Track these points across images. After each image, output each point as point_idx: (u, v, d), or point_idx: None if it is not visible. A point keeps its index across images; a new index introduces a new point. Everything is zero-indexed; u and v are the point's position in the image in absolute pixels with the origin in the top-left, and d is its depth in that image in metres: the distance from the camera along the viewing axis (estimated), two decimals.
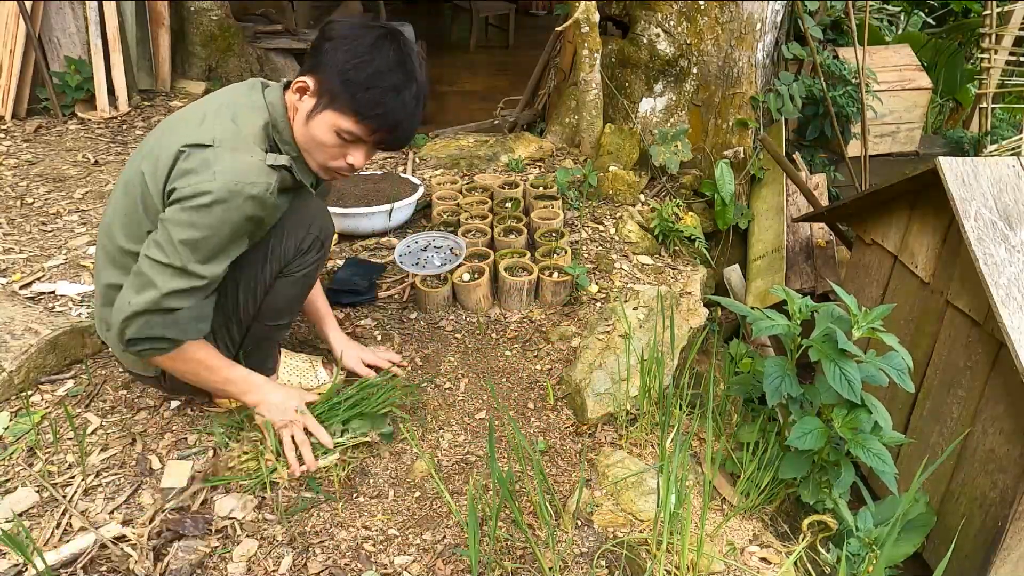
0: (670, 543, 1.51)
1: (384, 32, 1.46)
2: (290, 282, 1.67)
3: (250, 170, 1.39)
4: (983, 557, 1.89)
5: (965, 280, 1.97)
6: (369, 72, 1.42)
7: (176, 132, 1.46)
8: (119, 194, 1.55)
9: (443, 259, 2.35)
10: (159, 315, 1.42)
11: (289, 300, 1.70)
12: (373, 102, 1.44)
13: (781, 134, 3.48)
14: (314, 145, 1.51)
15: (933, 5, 6.34)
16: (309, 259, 1.67)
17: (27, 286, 2.27)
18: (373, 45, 1.43)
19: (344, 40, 1.44)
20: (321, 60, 1.45)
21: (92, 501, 1.55)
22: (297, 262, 1.65)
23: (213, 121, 1.45)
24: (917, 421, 2.16)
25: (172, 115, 1.57)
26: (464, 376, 2.07)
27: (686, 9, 3.24)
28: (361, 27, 1.46)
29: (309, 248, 1.65)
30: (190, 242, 1.39)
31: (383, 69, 1.43)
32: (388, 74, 1.44)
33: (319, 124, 1.47)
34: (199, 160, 1.39)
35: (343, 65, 1.42)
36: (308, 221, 1.62)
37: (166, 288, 1.41)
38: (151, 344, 1.46)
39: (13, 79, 3.53)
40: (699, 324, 2.33)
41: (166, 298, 1.41)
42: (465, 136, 3.64)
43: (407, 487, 1.68)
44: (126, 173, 1.56)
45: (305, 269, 1.67)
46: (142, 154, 1.52)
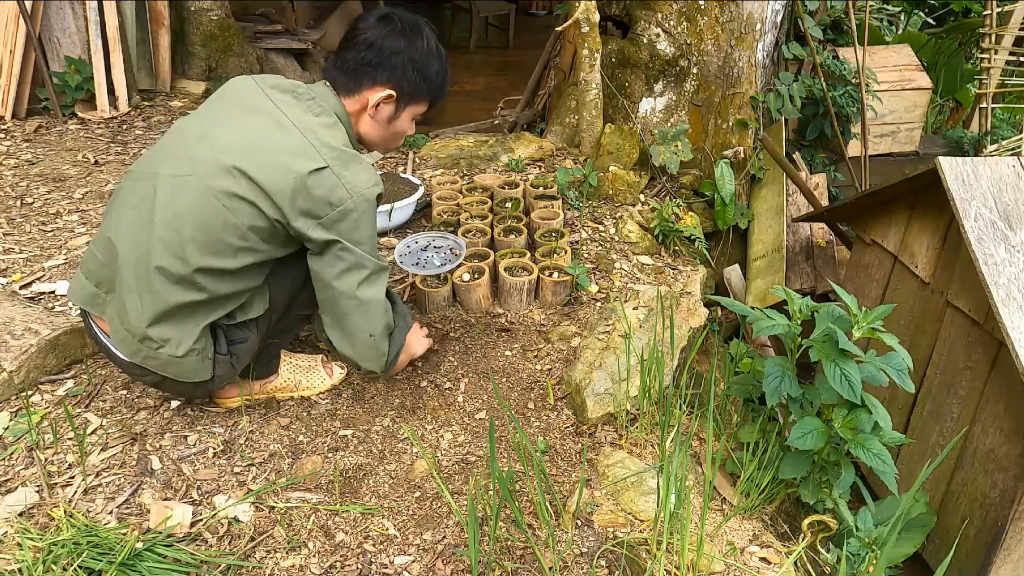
0: (670, 543, 1.51)
1: (422, 27, 1.65)
2: None
3: (367, 176, 1.55)
4: (983, 557, 1.89)
5: (965, 280, 1.97)
6: (437, 64, 1.66)
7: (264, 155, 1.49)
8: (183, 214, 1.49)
9: (443, 259, 2.35)
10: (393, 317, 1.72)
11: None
12: (443, 83, 1.71)
13: (781, 134, 3.48)
14: (396, 137, 1.74)
15: (933, 5, 6.34)
16: None
17: (27, 286, 2.27)
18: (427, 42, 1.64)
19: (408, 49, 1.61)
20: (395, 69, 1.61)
21: (92, 501, 1.55)
22: None
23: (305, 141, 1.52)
24: (917, 421, 2.16)
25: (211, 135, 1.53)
26: (464, 376, 2.07)
27: (686, 9, 3.24)
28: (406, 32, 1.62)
29: None
30: (368, 250, 1.60)
31: (436, 53, 1.66)
32: (441, 56, 1.68)
33: (404, 120, 1.71)
34: (327, 184, 1.50)
35: (421, 66, 1.63)
36: None
37: (380, 294, 1.64)
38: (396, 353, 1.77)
39: (13, 79, 3.53)
40: (699, 324, 2.33)
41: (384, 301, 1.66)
42: (465, 136, 3.64)
43: (407, 487, 1.68)
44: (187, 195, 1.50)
45: None
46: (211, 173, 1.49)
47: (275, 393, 1.89)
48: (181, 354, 1.55)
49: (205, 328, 1.58)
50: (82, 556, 1.37)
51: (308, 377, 1.91)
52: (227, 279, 1.54)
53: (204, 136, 1.53)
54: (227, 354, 1.64)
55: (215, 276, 1.52)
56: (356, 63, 1.60)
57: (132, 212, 1.54)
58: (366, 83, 1.61)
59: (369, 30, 1.60)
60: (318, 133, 1.54)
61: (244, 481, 1.65)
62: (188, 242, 1.48)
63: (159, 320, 1.53)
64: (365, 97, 1.63)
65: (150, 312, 1.52)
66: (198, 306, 1.54)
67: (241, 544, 1.49)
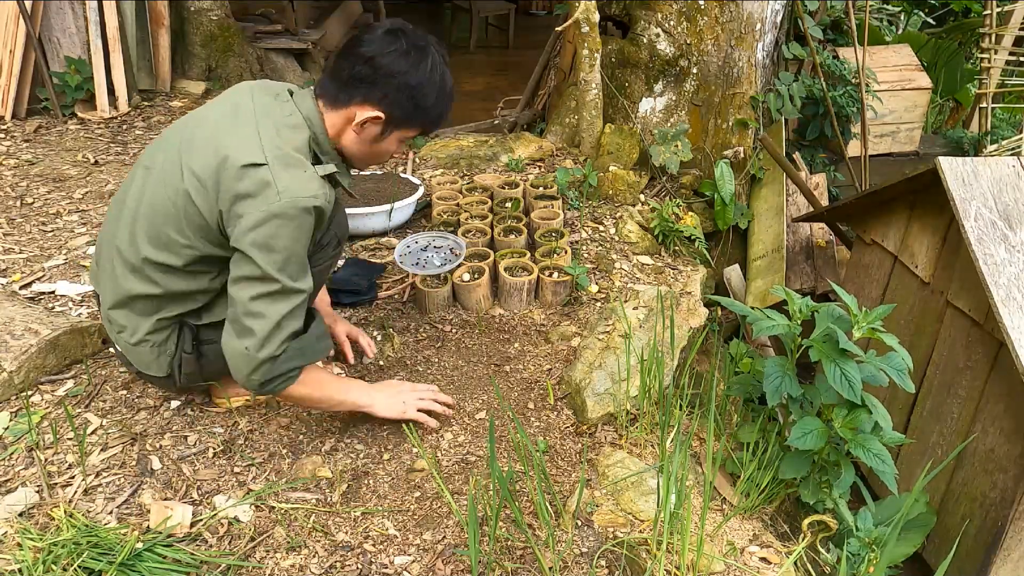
0: (670, 543, 1.51)
1: (429, 53, 1.54)
2: None
3: (308, 184, 1.44)
4: (983, 557, 1.89)
5: (965, 280, 1.97)
6: (435, 95, 1.55)
7: (215, 148, 1.46)
8: (141, 205, 1.54)
9: (443, 259, 2.35)
10: (285, 345, 1.48)
11: None
12: (440, 115, 1.60)
13: (781, 134, 3.48)
14: (380, 156, 1.65)
15: (933, 5, 6.34)
16: (327, 254, 1.73)
17: (27, 286, 2.27)
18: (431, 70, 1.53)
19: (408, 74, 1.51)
20: (388, 93, 1.51)
21: (92, 501, 1.55)
22: (316, 256, 1.68)
23: (258, 138, 1.46)
24: (917, 421, 2.16)
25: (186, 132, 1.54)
26: (464, 376, 2.07)
27: (686, 9, 3.24)
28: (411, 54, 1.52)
29: (327, 244, 1.72)
30: (279, 265, 1.44)
31: (439, 82, 1.55)
32: (444, 87, 1.57)
33: (390, 143, 1.61)
34: (257, 182, 1.41)
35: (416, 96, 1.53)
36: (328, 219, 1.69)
37: (278, 315, 1.46)
38: (284, 378, 1.52)
39: (13, 79, 3.53)
40: (699, 324, 2.33)
41: (282, 325, 1.47)
42: (465, 136, 3.64)
43: (407, 487, 1.68)
44: (150, 186, 1.54)
45: (321, 264, 1.72)
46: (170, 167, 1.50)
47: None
48: (134, 342, 1.61)
49: (161, 321, 1.60)
50: (82, 556, 1.37)
51: None
52: (177, 276, 1.55)
53: (181, 133, 1.55)
54: (192, 352, 1.65)
55: (163, 271, 1.54)
56: (349, 76, 1.50)
57: (115, 200, 1.64)
58: (356, 99, 1.52)
59: (372, 43, 1.50)
60: (271, 132, 1.47)
61: (244, 481, 1.65)
62: (140, 232, 1.53)
63: (118, 305, 1.60)
64: (352, 112, 1.53)
65: (111, 296, 1.61)
66: (152, 299, 1.57)
67: (241, 544, 1.49)
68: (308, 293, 1.51)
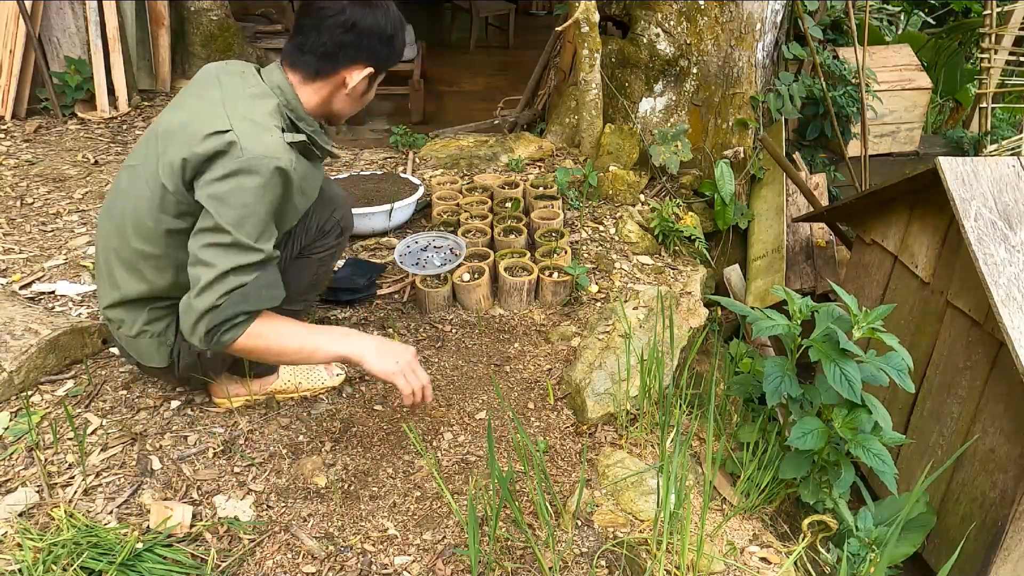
0: (670, 543, 1.51)
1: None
2: (307, 263, 1.74)
3: (273, 147, 1.45)
4: (983, 557, 1.89)
5: (965, 280, 1.97)
6: (391, 26, 1.59)
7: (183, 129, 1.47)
8: (128, 200, 1.56)
9: (443, 259, 2.35)
10: (225, 297, 1.43)
11: (304, 283, 1.77)
12: (403, 46, 1.65)
13: (781, 134, 3.48)
14: (360, 102, 1.68)
15: (933, 5, 6.34)
16: (328, 243, 1.75)
17: (27, 286, 2.27)
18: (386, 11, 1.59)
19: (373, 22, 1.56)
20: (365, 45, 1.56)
21: (92, 501, 1.55)
22: (318, 244, 1.71)
23: (223, 109, 1.48)
24: (917, 421, 2.16)
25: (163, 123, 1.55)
26: (464, 376, 2.07)
27: (686, 9, 3.24)
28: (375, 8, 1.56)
29: (330, 231, 1.74)
30: (234, 220, 1.42)
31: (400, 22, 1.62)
32: (402, 20, 1.63)
33: (373, 90, 1.67)
34: (222, 143, 1.42)
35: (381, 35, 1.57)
36: (332, 206, 1.72)
37: (225, 266, 1.42)
38: (229, 326, 1.45)
39: (13, 79, 3.53)
40: (699, 324, 2.33)
41: (227, 276, 1.42)
42: (465, 136, 3.64)
43: (407, 487, 1.68)
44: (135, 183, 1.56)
45: (323, 252, 1.74)
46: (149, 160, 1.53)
47: (275, 394, 1.89)
48: (134, 334, 1.64)
49: (155, 311, 1.63)
50: (82, 556, 1.37)
51: (308, 378, 1.91)
52: (163, 264, 1.56)
53: (156, 126, 1.57)
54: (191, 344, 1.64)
55: (151, 261, 1.56)
56: (335, 45, 1.54)
57: (106, 203, 1.66)
58: (343, 64, 1.56)
59: (344, 12, 1.53)
60: (238, 104, 1.49)
61: (244, 481, 1.65)
62: (129, 227, 1.56)
63: (115, 303, 1.63)
64: (342, 77, 1.58)
65: (107, 294, 1.63)
66: (144, 290, 1.60)
67: (241, 544, 1.49)
68: (268, 256, 1.47)
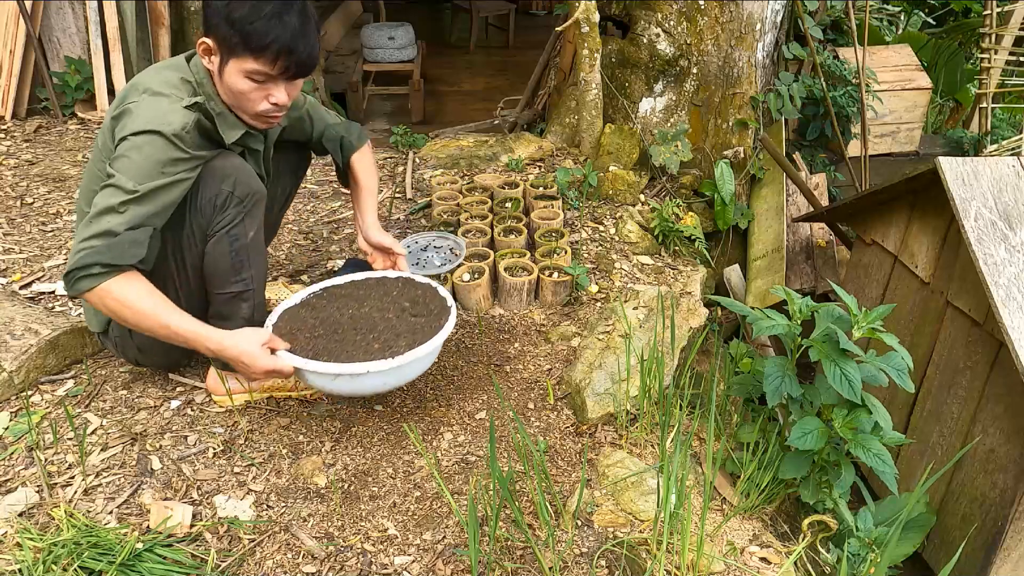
0: (670, 543, 1.51)
1: None
2: (216, 243, 1.65)
3: (167, 112, 1.51)
4: (983, 557, 1.89)
5: (965, 280, 1.97)
6: (248, 7, 1.50)
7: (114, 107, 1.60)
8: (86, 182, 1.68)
9: (443, 259, 2.35)
10: (98, 239, 1.46)
11: (225, 262, 1.67)
12: (261, 33, 1.50)
13: (781, 134, 3.48)
14: (237, 97, 1.60)
15: (933, 5, 6.34)
16: (228, 216, 1.65)
17: (27, 286, 2.27)
18: None
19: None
20: (209, 15, 1.53)
21: (92, 501, 1.55)
22: (216, 220, 1.64)
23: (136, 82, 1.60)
24: (917, 421, 2.16)
25: None
26: (464, 376, 2.07)
27: (686, 9, 3.24)
28: None
29: (225, 204, 1.64)
30: (122, 168, 1.50)
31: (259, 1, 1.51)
32: (264, 4, 1.51)
33: (230, 75, 1.56)
34: (127, 110, 1.54)
35: (224, 11, 1.50)
36: (221, 177, 1.62)
37: (102, 205, 1.48)
38: (83, 275, 1.47)
39: (13, 79, 3.53)
40: (699, 324, 2.33)
41: (101, 217, 1.47)
42: (465, 136, 3.64)
43: (407, 487, 1.68)
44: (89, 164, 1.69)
45: (226, 227, 1.65)
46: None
47: (274, 393, 1.89)
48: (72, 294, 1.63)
49: None
50: (82, 556, 1.37)
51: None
52: None
53: None
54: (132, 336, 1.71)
55: None
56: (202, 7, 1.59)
57: None
58: (201, 29, 1.57)
59: None
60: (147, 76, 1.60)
61: (244, 481, 1.65)
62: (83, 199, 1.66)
63: None
64: (199, 44, 1.58)
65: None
66: None
67: (241, 544, 1.49)
68: (140, 194, 1.48)
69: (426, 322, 1.71)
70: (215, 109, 1.60)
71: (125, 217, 1.48)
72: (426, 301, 1.79)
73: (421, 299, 1.80)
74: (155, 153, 1.49)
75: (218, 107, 1.61)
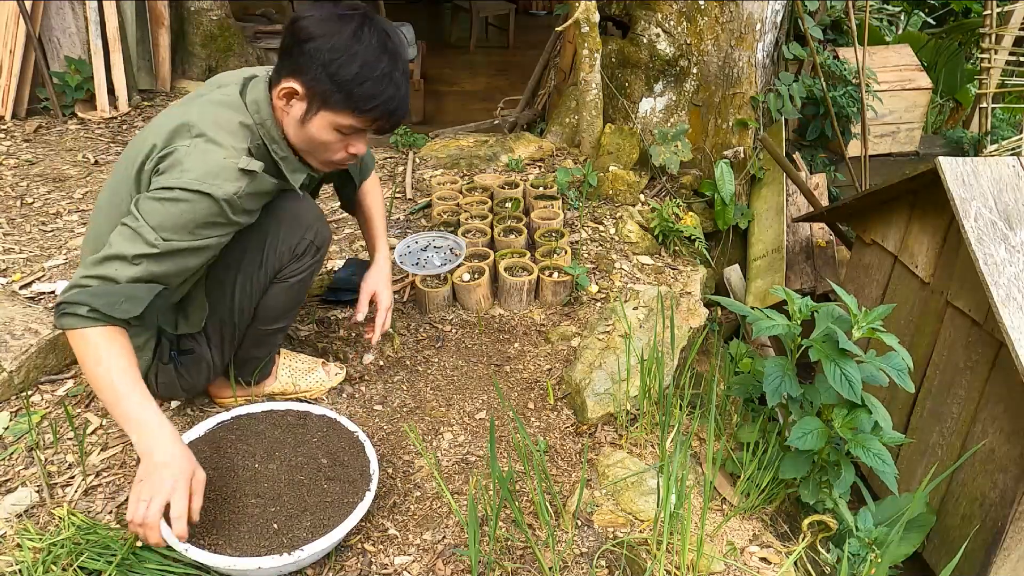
0: (670, 543, 1.51)
1: (360, 19, 1.41)
2: (285, 287, 1.65)
3: (220, 171, 1.36)
4: (983, 557, 1.89)
5: (965, 280, 1.97)
6: (358, 66, 1.39)
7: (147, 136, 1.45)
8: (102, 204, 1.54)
9: (443, 259, 2.35)
10: (97, 280, 1.31)
11: (284, 305, 1.69)
12: (368, 95, 1.41)
13: (781, 134, 3.48)
14: (314, 145, 1.50)
15: (933, 5, 6.34)
16: (304, 264, 1.64)
17: (27, 286, 2.27)
18: (353, 36, 1.39)
19: (323, 38, 1.38)
20: (303, 62, 1.40)
21: (92, 501, 1.55)
22: (292, 267, 1.62)
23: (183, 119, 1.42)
24: (917, 421, 2.16)
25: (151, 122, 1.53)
26: (464, 376, 2.07)
27: (686, 9, 3.24)
28: (335, 19, 1.40)
29: (304, 253, 1.62)
30: (151, 212, 1.34)
31: (370, 59, 1.40)
32: (376, 63, 1.40)
33: (317, 126, 1.46)
34: (175, 154, 1.37)
35: (330, 65, 1.38)
36: (304, 225, 1.60)
37: (115, 249, 1.33)
38: (67, 311, 1.31)
39: (13, 79, 3.53)
40: (699, 324, 2.33)
41: (109, 259, 1.33)
42: (465, 136, 3.64)
43: (407, 487, 1.68)
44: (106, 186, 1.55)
45: (300, 275, 1.65)
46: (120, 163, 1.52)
47: (274, 395, 1.89)
48: None
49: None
50: (82, 556, 1.37)
51: (307, 379, 1.91)
52: None
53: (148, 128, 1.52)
54: (170, 363, 1.62)
55: None
56: (282, 47, 1.43)
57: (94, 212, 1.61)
58: (284, 72, 1.43)
59: (302, 17, 1.41)
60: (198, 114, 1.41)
61: None
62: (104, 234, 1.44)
63: None
64: (281, 88, 1.44)
65: None
66: None
67: None
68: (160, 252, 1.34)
69: (340, 493, 1.47)
70: (278, 153, 1.49)
71: (134, 271, 1.33)
72: (347, 460, 1.54)
73: (342, 456, 1.55)
74: (194, 214, 1.34)
75: (282, 151, 1.49)
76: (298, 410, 1.68)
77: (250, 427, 1.61)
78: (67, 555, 1.37)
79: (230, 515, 1.40)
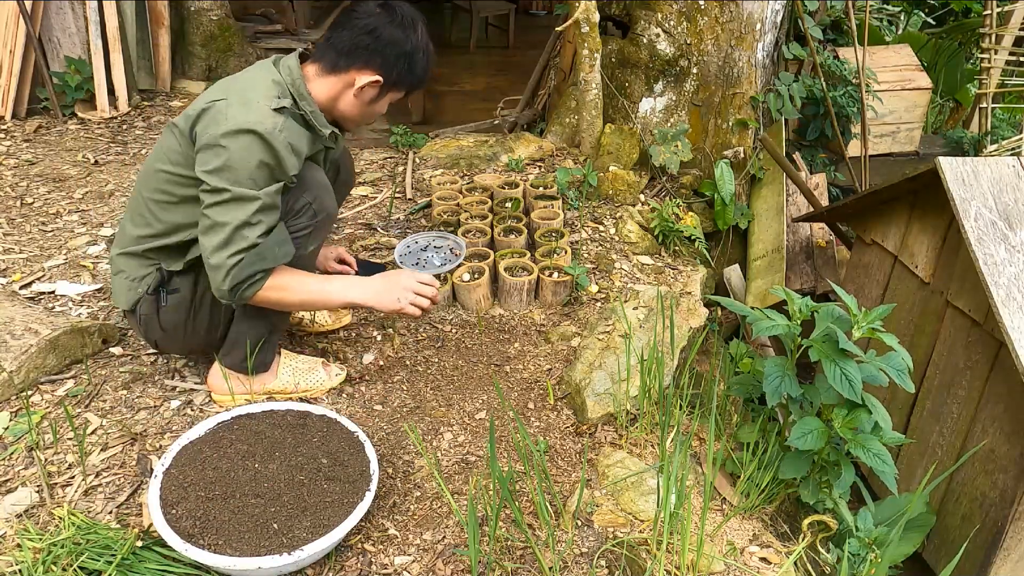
0: (670, 543, 1.51)
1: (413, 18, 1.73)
2: None
3: (257, 113, 1.56)
4: (983, 557, 1.89)
5: (965, 280, 1.97)
6: (423, 62, 1.76)
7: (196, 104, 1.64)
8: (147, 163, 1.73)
9: (443, 259, 2.35)
10: (246, 252, 1.55)
11: None
12: (423, 78, 1.80)
13: (781, 134, 3.48)
14: (371, 115, 1.81)
15: (933, 5, 6.34)
16: (299, 223, 1.67)
17: (27, 286, 2.27)
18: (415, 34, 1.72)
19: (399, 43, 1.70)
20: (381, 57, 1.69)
21: (92, 501, 1.55)
22: (289, 223, 1.65)
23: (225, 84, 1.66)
24: (917, 421, 2.16)
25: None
26: (464, 376, 2.07)
27: (686, 9, 3.24)
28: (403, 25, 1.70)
29: (301, 211, 1.67)
30: (227, 175, 1.53)
31: (425, 49, 1.75)
32: (429, 52, 1.77)
33: (382, 104, 1.79)
34: (214, 112, 1.57)
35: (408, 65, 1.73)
36: (306, 187, 1.68)
37: (235, 222, 1.53)
38: (249, 284, 1.57)
39: (13, 79, 3.53)
40: (699, 324, 2.33)
41: (240, 232, 1.54)
42: (465, 136, 3.64)
43: (407, 487, 1.68)
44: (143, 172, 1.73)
45: (298, 234, 1.67)
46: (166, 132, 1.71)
47: (274, 394, 1.89)
48: (114, 272, 1.76)
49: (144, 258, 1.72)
50: (82, 556, 1.37)
51: (307, 379, 1.91)
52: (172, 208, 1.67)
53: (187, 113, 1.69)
54: (153, 295, 1.73)
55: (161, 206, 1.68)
56: (352, 45, 1.68)
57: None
58: (356, 64, 1.69)
59: (370, 16, 1.68)
60: (239, 80, 1.65)
61: None
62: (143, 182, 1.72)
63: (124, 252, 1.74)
64: (352, 77, 1.70)
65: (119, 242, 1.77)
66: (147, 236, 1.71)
67: None
68: (266, 203, 1.56)
69: (340, 493, 1.47)
70: (307, 108, 1.67)
71: (263, 227, 1.56)
72: (347, 460, 1.54)
73: (342, 456, 1.55)
74: (246, 155, 1.53)
75: (310, 106, 1.68)
76: (298, 410, 1.68)
77: (250, 427, 1.61)
78: (67, 555, 1.37)
79: (230, 515, 1.40)
